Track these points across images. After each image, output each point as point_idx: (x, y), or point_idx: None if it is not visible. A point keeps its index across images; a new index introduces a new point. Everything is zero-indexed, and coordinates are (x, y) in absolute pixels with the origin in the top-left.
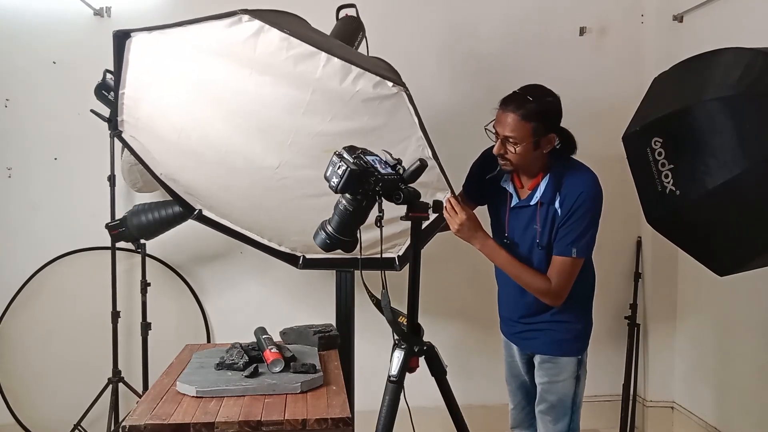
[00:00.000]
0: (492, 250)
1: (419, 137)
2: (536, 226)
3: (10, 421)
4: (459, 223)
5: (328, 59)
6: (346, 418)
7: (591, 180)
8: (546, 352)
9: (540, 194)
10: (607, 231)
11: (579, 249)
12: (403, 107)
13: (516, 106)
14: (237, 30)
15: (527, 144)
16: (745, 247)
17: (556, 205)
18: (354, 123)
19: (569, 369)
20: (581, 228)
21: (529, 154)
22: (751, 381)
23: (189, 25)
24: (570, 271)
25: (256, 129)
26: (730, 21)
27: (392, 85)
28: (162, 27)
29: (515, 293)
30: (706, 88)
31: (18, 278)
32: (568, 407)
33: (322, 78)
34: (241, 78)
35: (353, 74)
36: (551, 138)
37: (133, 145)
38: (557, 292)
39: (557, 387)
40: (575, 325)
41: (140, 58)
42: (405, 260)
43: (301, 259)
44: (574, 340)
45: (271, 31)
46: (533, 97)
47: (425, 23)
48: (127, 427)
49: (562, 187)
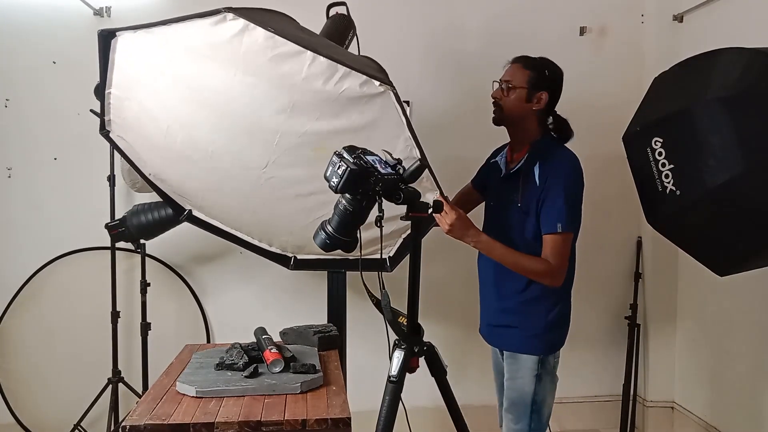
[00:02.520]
0: (486, 245)
1: (407, 137)
2: (516, 194)
3: (10, 421)
4: (449, 222)
5: (313, 58)
6: (346, 419)
7: (567, 157)
8: (508, 348)
9: (521, 163)
10: (607, 231)
11: (563, 223)
12: (391, 107)
13: (522, 59)
14: (222, 29)
15: (521, 91)
16: (745, 247)
17: (536, 177)
18: (341, 122)
19: (528, 366)
20: (560, 202)
21: (520, 104)
22: (750, 381)
23: (174, 23)
24: (561, 247)
25: (242, 129)
26: (730, 21)
27: (379, 84)
28: (147, 26)
29: (491, 292)
30: (706, 88)
31: (18, 278)
32: (527, 406)
33: (308, 77)
34: (226, 77)
35: (339, 73)
36: (542, 95)
37: (120, 144)
38: (554, 270)
39: (516, 384)
40: (539, 321)
41: (126, 58)
42: (396, 261)
43: (292, 260)
44: (534, 338)
45: (255, 29)
46: (539, 58)
47: (421, 22)
48: (127, 427)
49: (542, 160)
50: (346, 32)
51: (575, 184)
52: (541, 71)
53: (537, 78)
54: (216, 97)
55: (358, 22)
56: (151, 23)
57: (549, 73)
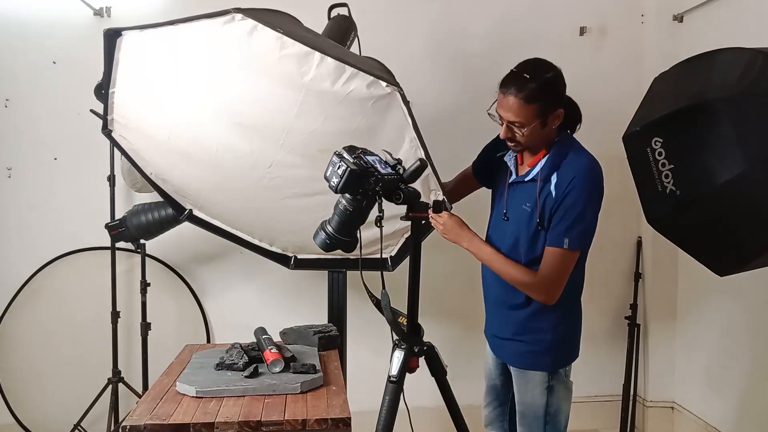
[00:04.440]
0: (477, 247)
1: (413, 138)
2: (528, 204)
3: (10, 421)
4: (442, 223)
5: (321, 59)
6: (346, 419)
7: (586, 166)
8: (514, 363)
9: (537, 171)
10: (607, 231)
11: (571, 239)
12: (397, 107)
13: (516, 89)
14: (230, 29)
15: (535, 125)
16: (745, 247)
17: (552, 187)
18: (347, 123)
19: (537, 381)
20: (574, 216)
21: (537, 134)
22: (750, 381)
23: (181, 23)
24: (561, 263)
25: (248, 128)
26: (730, 21)
27: (386, 85)
28: (154, 26)
29: (495, 303)
30: (706, 88)
31: (18, 278)
32: (540, 418)
33: (315, 78)
34: (233, 77)
35: (347, 74)
36: (558, 113)
37: (122, 144)
38: (544, 286)
39: (526, 398)
40: (545, 335)
41: (131, 57)
42: (397, 261)
43: (293, 260)
44: (543, 353)
45: (264, 30)
46: (531, 75)
47: (420, 23)
48: (127, 427)
49: (559, 168)
50: (347, 33)
51: (590, 196)
52: (545, 96)
53: (545, 105)
54: (223, 96)
55: (359, 23)
56: (159, 23)
57: (552, 91)
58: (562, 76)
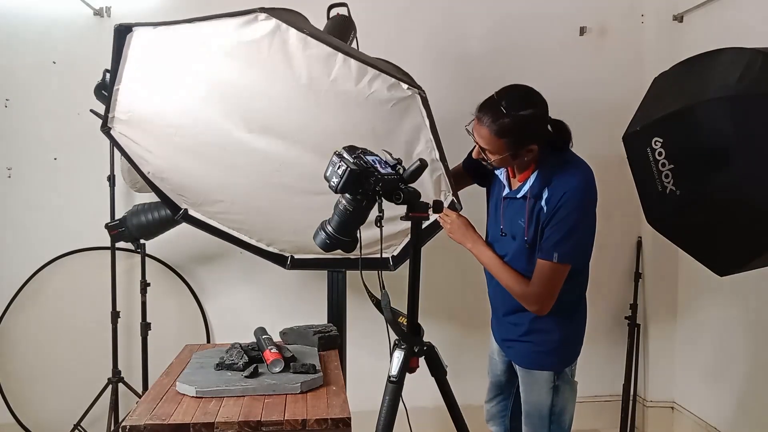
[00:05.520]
0: (480, 250)
1: (429, 139)
2: (522, 221)
3: (10, 421)
4: (450, 222)
5: (344, 60)
6: (346, 419)
7: (579, 180)
8: (520, 363)
9: (527, 188)
10: (607, 231)
11: (561, 254)
12: (414, 109)
13: (490, 119)
14: (251, 29)
15: (505, 156)
16: (745, 247)
17: (543, 202)
18: (366, 124)
19: (543, 382)
20: (564, 231)
21: (509, 162)
22: (750, 381)
23: (199, 22)
24: (550, 277)
25: (261, 127)
26: (730, 21)
27: (407, 87)
28: (168, 23)
29: (501, 305)
30: (706, 88)
31: (18, 278)
32: (545, 417)
33: (337, 79)
34: (249, 76)
35: (369, 76)
36: (532, 149)
37: (121, 142)
38: (534, 298)
39: (532, 397)
40: (551, 336)
41: (140, 54)
42: (399, 261)
43: (289, 260)
44: (549, 353)
45: (288, 30)
46: (508, 108)
47: (419, 23)
48: (127, 427)
49: (550, 183)
50: (347, 33)
51: (582, 210)
52: (517, 133)
53: (516, 141)
54: (237, 93)
55: (358, 23)
56: (174, 21)
57: (526, 130)
58: (542, 115)
